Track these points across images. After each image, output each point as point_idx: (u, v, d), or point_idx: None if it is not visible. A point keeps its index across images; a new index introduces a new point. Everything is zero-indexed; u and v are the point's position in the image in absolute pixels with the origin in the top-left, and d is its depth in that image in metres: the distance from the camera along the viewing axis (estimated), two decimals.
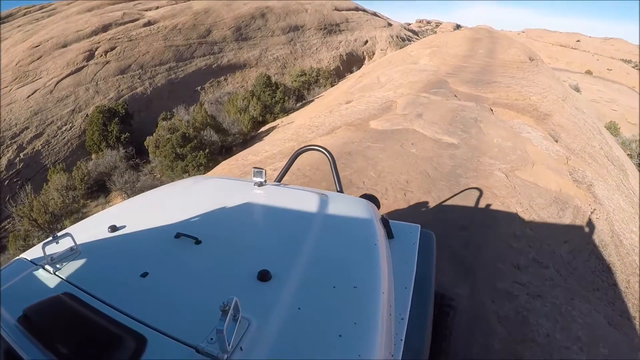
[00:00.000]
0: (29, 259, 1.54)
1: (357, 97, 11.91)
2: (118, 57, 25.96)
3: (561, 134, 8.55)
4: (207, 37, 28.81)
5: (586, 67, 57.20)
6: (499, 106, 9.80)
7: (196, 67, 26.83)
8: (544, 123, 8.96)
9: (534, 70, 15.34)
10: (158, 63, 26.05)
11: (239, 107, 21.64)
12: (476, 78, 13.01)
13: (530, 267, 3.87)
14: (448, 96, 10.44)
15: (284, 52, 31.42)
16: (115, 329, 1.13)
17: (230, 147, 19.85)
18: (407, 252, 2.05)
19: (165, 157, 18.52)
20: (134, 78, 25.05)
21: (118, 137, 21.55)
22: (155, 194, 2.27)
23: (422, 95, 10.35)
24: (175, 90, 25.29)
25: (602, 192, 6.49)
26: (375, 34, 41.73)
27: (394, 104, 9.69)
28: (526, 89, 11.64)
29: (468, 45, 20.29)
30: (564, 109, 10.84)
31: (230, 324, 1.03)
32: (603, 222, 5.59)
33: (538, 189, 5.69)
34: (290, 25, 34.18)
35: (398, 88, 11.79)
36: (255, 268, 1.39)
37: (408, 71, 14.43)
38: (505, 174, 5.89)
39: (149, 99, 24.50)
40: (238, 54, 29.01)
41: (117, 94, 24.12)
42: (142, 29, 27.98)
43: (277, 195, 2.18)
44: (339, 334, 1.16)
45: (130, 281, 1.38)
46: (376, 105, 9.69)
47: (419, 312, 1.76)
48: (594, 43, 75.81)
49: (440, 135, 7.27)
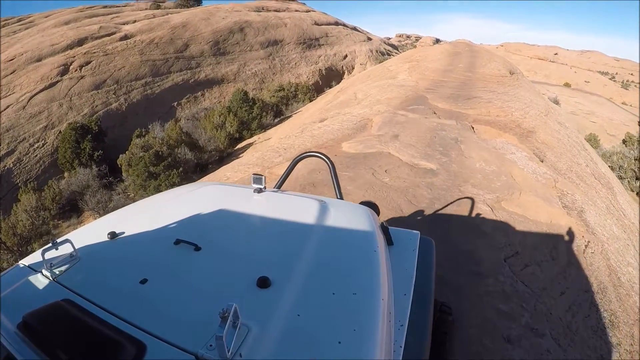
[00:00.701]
0: (28, 265, 1.50)
1: (333, 114, 11.17)
2: (93, 72, 24.88)
3: (546, 153, 7.90)
4: (185, 52, 27.84)
5: (564, 80, 57.97)
6: (480, 123, 9.13)
7: (173, 82, 25.84)
8: (527, 141, 8.31)
9: (514, 84, 14.82)
10: (134, 78, 25.04)
11: (216, 124, 20.84)
12: (456, 93, 12.39)
13: (523, 337, 3.09)
14: (427, 113, 9.75)
15: (262, 66, 30.53)
16: (114, 336, 1.10)
17: (206, 165, 19.02)
18: (407, 259, 2.02)
19: (138, 176, 17.70)
20: (109, 93, 24.00)
21: (91, 154, 20.58)
22: (154, 200, 2.22)
23: (399, 113, 9.63)
24: (151, 106, 24.29)
25: (594, 219, 5.83)
26: (354, 48, 41.19)
27: (370, 123, 8.96)
28: (508, 104, 11.03)
29: (447, 59, 19.79)
30: (547, 124, 10.24)
31: (229, 331, 1.01)
32: (599, 258, 4.90)
33: (527, 223, 4.96)
34: (269, 40, 33.33)
35: (375, 105, 11.10)
36: (255, 275, 1.36)
37: (386, 87, 13.77)
38: (491, 206, 5.14)
39: (124, 115, 23.47)
40: (216, 68, 28.06)
41: (91, 110, 23.05)
42: (119, 43, 26.96)
43: (276, 202, 2.15)
44: (338, 340, 1.13)
45: (129, 288, 1.35)
46: (350, 125, 8.94)
47: (419, 318, 1.73)
48: (572, 56, 77.26)
49: (417, 159, 6.52)
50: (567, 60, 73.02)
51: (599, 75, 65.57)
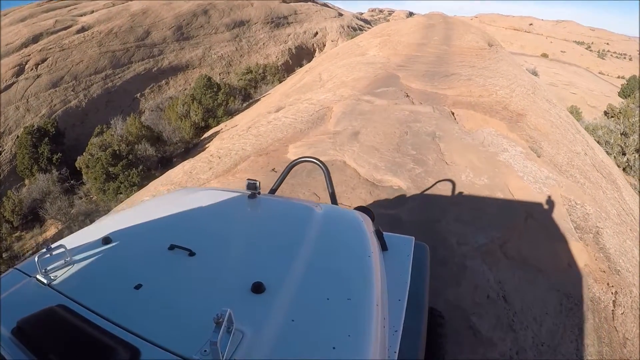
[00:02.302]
0: (23, 271, 1.38)
1: (292, 101, 9.33)
2: (50, 70, 22.43)
3: (542, 144, 6.22)
4: (146, 40, 25.29)
5: (540, 50, 56.21)
6: (461, 107, 7.37)
7: (135, 72, 23.45)
8: (518, 127, 6.61)
9: (494, 57, 13.00)
10: (93, 72, 22.65)
11: (180, 113, 18.81)
12: (432, 70, 10.56)
13: None
14: (398, 97, 7.94)
15: (229, 49, 28.04)
16: (108, 341, 1.02)
17: (170, 158, 17.09)
18: (401, 264, 1.94)
19: (96, 178, 15.80)
20: (67, 90, 21.66)
21: (50, 158, 18.49)
22: (148, 205, 2.08)
23: (364, 99, 7.81)
24: (113, 100, 22.04)
25: (612, 242, 4.27)
26: (325, 25, 38.50)
27: (329, 113, 7.16)
28: (490, 82, 9.26)
29: (421, 32, 17.77)
30: (536, 104, 8.53)
31: (224, 336, 0.94)
32: (630, 319, 3.38)
33: (539, 281, 3.28)
34: (235, 21, 30.66)
35: (339, 88, 9.26)
36: (249, 280, 1.24)
37: (354, 65, 11.86)
38: (487, 262, 3.39)
39: (85, 112, 21.24)
40: (180, 54, 25.59)
41: (49, 110, 20.80)
42: (75, 36, 24.36)
43: (271, 207, 1.98)
44: (332, 346, 1.04)
45: (123, 293, 1.24)
46: (306, 116, 7.12)
47: (413, 324, 1.64)
48: (546, 26, 75.42)
49: (381, 172, 4.71)
50: (542, 31, 71.15)
51: (574, 45, 63.87)
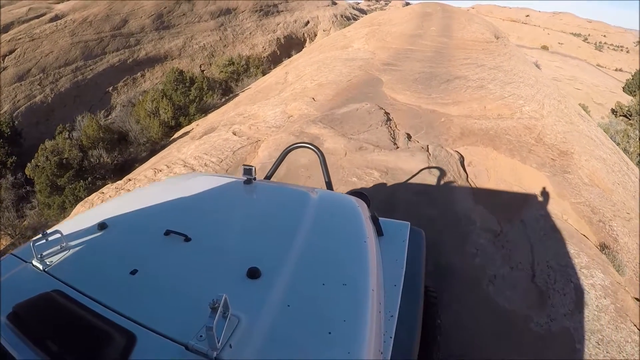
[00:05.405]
0: (18, 256, 1.31)
1: (226, 120, 6.22)
2: (17, 62, 19.14)
3: (614, 226, 3.10)
4: (123, 29, 21.76)
5: (537, 42, 52.05)
6: (473, 140, 4.27)
7: (108, 64, 20.08)
8: (569, 185, 3.52)
9: (505, 52, 9.69)
10: (63, 64, 19.37)
11: (149, 111, 15.67)
12: (428, 71, 7.34)
13: None
14: (369, 127, 4.79)
15: (212, 39, 24.37)
16: (104, 327, 0.97)
17: (131, 163, 14.05)
18: (397, 250, 1.82)
19: (41, 191, 12.87)
20: (33, 84, 18.44)
21: (4, 162, 15.50)
22: (144, 190, 1.93)
23: (311, 132, 4.65)
24: (83, 94, 18.82)
25: None
26: (317, 13, 34.46)
27: (250, 158, 4.07)
28: (509, 90, 6.09)
29: (416, 21, 14.34)
30: (575, 125, 5.38)
31: (219, 321, 0.88)
32: None
33: None
34: (221, 9, 26.82)
35: (296, 99, 6.14)
36: (245, 265, 1.17)
37: (329, 62, 8.63)
38: None
39: (50, 107, 18.06)
40: (158, 45, 22.10)
41: (12, 106, 17.60)
42: (47, 25, 20.96)
43: (266, 192, 1.88)
44: (328, 331, 0.99)
45: (119, 278, 1.18)
46: (216, 160, 4.04)
47: (409, 309, 1.55)
48: (543, 17, 71.11)
49: None
50: (539, 22, 66.69)
51: (572, 37, 59.47)
